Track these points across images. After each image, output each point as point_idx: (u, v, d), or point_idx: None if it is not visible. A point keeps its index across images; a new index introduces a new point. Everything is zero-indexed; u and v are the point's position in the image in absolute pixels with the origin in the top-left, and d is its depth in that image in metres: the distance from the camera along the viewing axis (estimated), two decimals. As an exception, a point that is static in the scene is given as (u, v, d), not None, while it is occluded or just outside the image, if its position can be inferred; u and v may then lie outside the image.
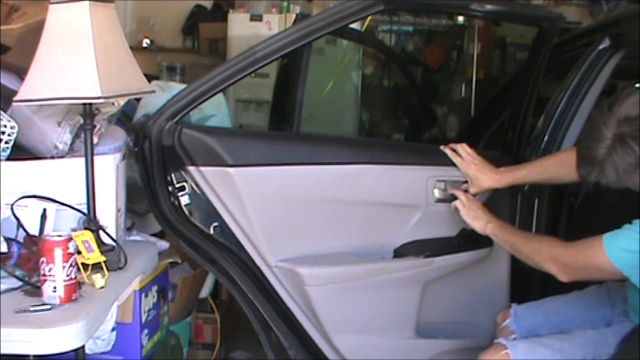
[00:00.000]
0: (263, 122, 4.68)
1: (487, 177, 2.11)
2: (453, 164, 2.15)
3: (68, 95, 1.66)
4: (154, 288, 2.12)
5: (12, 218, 1.76)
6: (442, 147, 2.18)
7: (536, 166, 2.18)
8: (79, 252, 1.65)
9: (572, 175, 2.05)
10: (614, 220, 1.70)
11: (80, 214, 1.83)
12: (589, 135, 1.62)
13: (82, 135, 1.84)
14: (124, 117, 2.48)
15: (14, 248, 1.67)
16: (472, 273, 2.27)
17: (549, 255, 1.80)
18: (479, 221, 2.04)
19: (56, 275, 1.55)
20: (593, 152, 1.59)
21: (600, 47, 2.35)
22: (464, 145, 2.17)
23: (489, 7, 2.22)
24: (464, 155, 2.15)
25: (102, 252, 1.72)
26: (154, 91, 2.01)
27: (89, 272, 1.68)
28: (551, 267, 1.79)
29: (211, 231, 2.05)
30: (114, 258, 1.80)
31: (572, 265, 1.76)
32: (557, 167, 2.08)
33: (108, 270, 1.73)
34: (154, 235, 2.25)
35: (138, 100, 2.50)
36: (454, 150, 2.16)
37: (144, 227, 2.31)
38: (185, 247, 2.05)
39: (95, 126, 1.87)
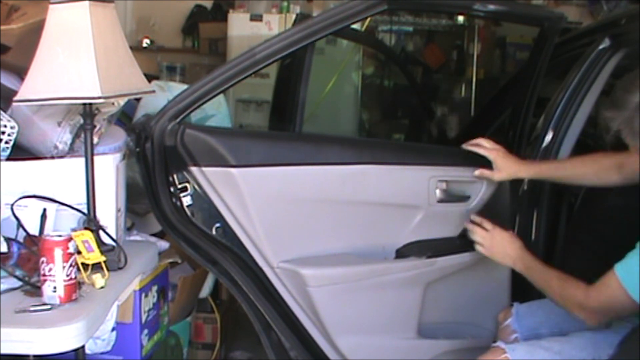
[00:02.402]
0: (263, 122, 4.68)
1: (514, 164, 2.11)
2: (455, 164, 2.15)
3: (68, 95, 1.66)
4: (154, 288, 2.12)
5: (12, 218, 1.75)
6: (463, 146, 2.18)
7: (565, 163, 2.19)
8: (79, 252, 1.65)
9: (598, 178, 2.06)
10: (613, 221, 1.69)
11: (80, 214, 1.83)
12: (630, 80, 1.59)
13: (82, 135, 1.84)
14: (124, 117, 2.48)
15: (14, 248, 1.67)
16: (474, 273, 2.27)
17: (574, 303, 1.77)
18: (506, 260, 2.01)
19: (56, 275, 1.55)
20: (629, 96, 1.57)
21: (600, 47, 2.35)
22: (485, 139, 2.17)
23: (491, 7, 2.23)
24: (489, 145, 2.14)
25: (102, 252, 1.71)
26: (154, 91, 2.01)
27: (89, 272, 1.68)
28: (580, 314, 1.77)
29: (213, 232, 2.05)
30: (114, 258, 1.79)
31: (598, 310, 1.73)
32: (587, 168, 2.07)
33: (108, 270, 1.72)
34: (154, 235, 2.25)
35: (138, 100, 2.50)
36: (476, 145, 2.15)
37: (144, 227, 2.31)
38: (187, 248, 2.04)
39: (95, 126, 1.86)
